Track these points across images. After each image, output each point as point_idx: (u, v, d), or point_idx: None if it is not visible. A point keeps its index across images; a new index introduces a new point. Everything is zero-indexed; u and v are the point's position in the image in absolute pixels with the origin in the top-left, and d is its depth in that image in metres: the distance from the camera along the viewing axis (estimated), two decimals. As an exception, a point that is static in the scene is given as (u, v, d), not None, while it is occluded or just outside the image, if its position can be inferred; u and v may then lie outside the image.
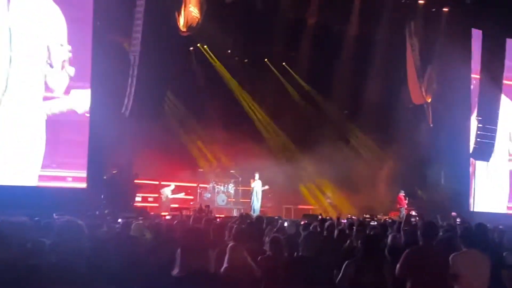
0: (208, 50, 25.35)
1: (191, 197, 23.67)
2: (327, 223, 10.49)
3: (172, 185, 22.23)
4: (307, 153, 24.74)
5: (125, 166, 20.49)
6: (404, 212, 23.02)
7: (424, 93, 24.41)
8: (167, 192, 21.99)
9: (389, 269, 6.84)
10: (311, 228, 10.26)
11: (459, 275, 6.63)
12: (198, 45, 24.89)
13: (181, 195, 22.72)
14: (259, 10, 23.23)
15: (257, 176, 23.14)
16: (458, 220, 18.19)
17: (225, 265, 6.36)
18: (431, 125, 24.70)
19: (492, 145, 23.66)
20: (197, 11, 19.45)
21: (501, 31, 23.67)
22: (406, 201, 24.14)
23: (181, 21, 19.40)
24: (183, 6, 19.28)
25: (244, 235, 7.57)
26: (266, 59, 26.77)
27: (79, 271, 4.85)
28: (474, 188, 25.28)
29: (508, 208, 25.64)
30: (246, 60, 26.28)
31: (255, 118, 26.56)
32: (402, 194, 24.26)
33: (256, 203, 23.07)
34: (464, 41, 24.34)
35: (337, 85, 25.76)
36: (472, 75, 24.89)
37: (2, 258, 5.42)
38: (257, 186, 23.11)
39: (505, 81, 24.65)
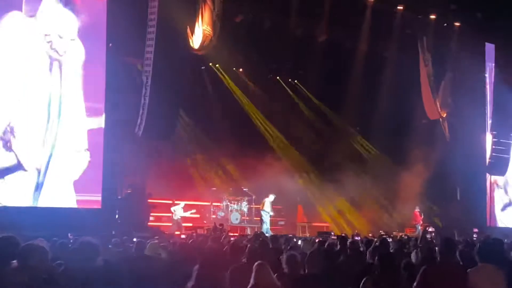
0: (220, 69, 25.50)
1: (198, 215, 23.55)
2: (348, 241, 10.40)
3: (182, 203, 22.20)
4: (321, 171, 24.71)
5: (138, 185, 20.53)
6: (419, 228, 22.87)
7: (439, 108, 24.32)
8: (178, 210, 21.99)
9: (405, 285, 6.79)
10: (326, 245, 10.20)
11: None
12: (210, 64, 25.05)
13: (192, 212, 22.62)
14: (269, 28, 23.33)
15: (272, 197, 22.90)
16: (475, 236, 18.04)
17: (251, 283, 6.35)
18: (448, 140, 24.57)
19: (508, 159, 23.52)
20: (210, 29, 19.53)
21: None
22: (422, 217, 24.00)
23: (194, 40, 19.49)
24: (196, 25, 19.39)
25: (258, 254, 7.55)
26: (278, 77, 26.88)
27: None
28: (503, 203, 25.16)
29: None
30: (257, 78, 26.42)
31: (268, 136, 26.60)
32: (417, 210, 24.14)
33: (266, 222, 22.76)
34: (478, 55, 24.28)
35: (349, 102, 25.72)
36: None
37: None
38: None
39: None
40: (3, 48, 16.43)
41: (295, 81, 27.25)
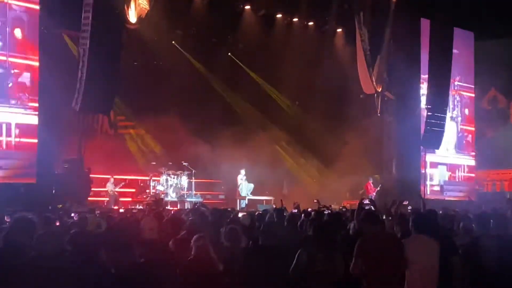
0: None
1: (133, 190, 23.48)
2: (286, 213, 10.51)
3: (112, 178, 22.08)
4: (263, 144, 24.79)
5: (76, 161, 20.23)
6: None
7: (374, 83, 24.63)
8: (110, 186, 21.90)
9: (341, 257, 6.91)
10: (267, 218, 10.28)
11: (409, 260, 6.75)
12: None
13: (122, 184, 22.55)
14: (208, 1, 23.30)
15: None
16: (409, 207, 18.43)
17: (192, 255, 6.38)
18: (379, 115, 24.96)
19: (442, 133, 24.02)
20: (146, 2, 19.34)
21: (449, 20, 24.03)
22: (378, 188, 24.15)
23: (130, 14, 19.24)
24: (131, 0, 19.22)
25: (198, 227, 7.58)
26: (229, 53, 26.66)
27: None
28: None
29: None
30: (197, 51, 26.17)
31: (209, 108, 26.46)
32: (370, 181, 24.40)
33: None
34: (413, 31, 24.65)
35: (288, 76, 25.82)
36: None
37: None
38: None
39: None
40: None
41: (234, 53, 27.04)
